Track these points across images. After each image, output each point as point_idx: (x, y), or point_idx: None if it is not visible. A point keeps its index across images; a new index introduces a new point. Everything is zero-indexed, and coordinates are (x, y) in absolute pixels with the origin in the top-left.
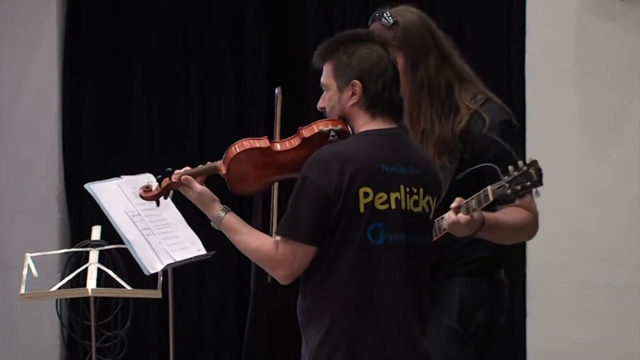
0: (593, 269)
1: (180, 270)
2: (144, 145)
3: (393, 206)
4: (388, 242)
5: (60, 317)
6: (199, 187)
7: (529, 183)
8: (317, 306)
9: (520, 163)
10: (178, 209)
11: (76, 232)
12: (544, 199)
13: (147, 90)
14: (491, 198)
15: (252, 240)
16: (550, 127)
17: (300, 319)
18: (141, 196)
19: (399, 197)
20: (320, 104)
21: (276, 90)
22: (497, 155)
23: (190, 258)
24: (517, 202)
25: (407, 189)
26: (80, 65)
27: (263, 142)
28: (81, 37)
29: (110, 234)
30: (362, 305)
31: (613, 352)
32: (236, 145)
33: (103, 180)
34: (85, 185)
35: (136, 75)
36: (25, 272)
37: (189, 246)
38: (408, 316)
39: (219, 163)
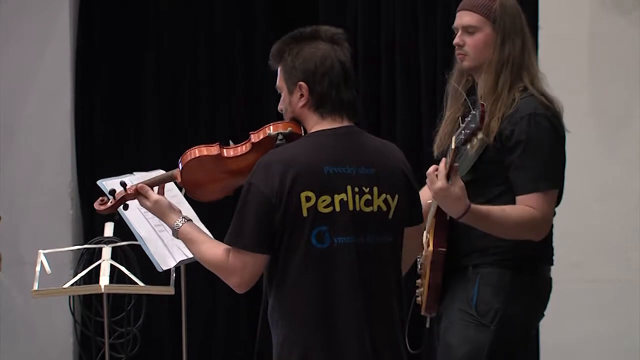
0: (604, 266)
1: (193, 267)
2: (156, 142)
3: (337, 208)
4: (334, 246)
5: (73, 313)
6: (155, 196)
7: (473, 125)
8: (276, 311)
9: (474, 111)
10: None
11: (89, 229)
12: None
13: (158, 86)
14: (453, 145)
15: (206, 250)
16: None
17: (269, 321)
18: (97, 209)
19: (345, 199)
20: (279, 106)
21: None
22: (515, 144)
23: None
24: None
25: (356, 189)
26: (92, 61)
27: (214, 149)
28: (93, 33)
29: (123, 230)
30: (312, 310)
31: (624, 347)
32: (188, 153)
33: (115, 177)
34: (98, 182)
35: (148, 71)
36: (38, 268)
37: None
38: (359, 321)
39: (175, 171)
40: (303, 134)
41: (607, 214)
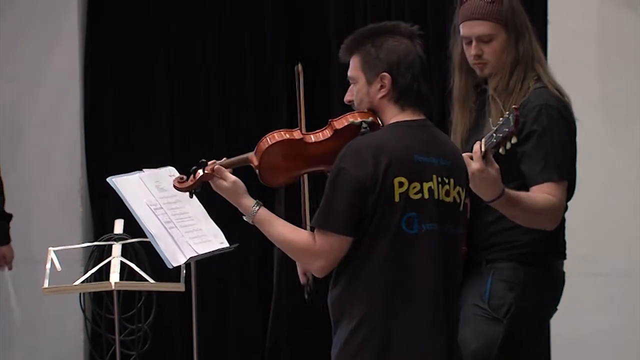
0: (614, 259)
1: (203, 264)
2: (166, 138)
3: (426, 196)
4: (421, 232)
5: (83, 310)
6: (232, 177)
7: (506, 129)
8: (350, 296)
9: (506, 113)
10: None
11: (99, 226)
12: None
13: (168, 82)
14: (483, 148)
15: (289, 233)
16: None
17: (332, 310)
18: (175, 187)
19: (432, 187)
20: (347, 97)
21: (296, 68)
22: (527, 135)
23: (213, 251)
24: (536, 188)
25: (439, 179)
26: (101, 58)
27: (296, 134)
28: (102, 29)
29: (133, 227)
30: (396, 294)
31: (636, 341)
32: (269, 137)
33: (125, 174)
34: (108, 179)
35: (157, 69)
36: (48, 266)
37: (211, 239)
38: (441, 305)
39: (251, 155)
40: (380, 125)
41: (617, 206)
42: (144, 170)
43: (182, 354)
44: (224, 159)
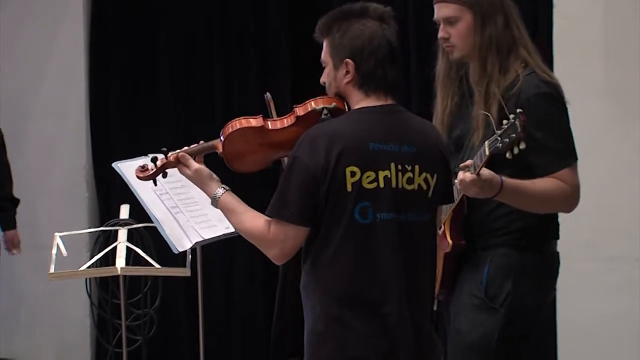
0: (619, 244)
1: (209, 249)
2: (171, 123)
3: (382, 185)
4: (376, 222)
5: (89, 296)
6: (195, 164)
7: (514, 135)
8: (312, 285)
9: (511, 116)
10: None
11: (105, 211)
12: None
13: (172, 67)
14: (487, 152)
15: (246, 221)
16: (577, 100)
17: (302, 295)
18: (137, 176)
19: (389, 176)
20: (322, 79)
21: (266, 96)
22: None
23: (219, 236)
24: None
25: (399, 167)
26: (106, 44)
27: (257, 121)
28: (107, 15)
29: (139, 212)
30: (351, 285)
31: (638, 326)
32: (231, 124)
33: (130, 159)
34: (113, 164)
35: (162, 53)
36: (54, 251)
37: (217, 224)
38: (400, 296)
39: (216, 141)
40: (346, 110)
41: (621, 192)
42: (148, 155)
43: (188, 338)
44: (193, 146)
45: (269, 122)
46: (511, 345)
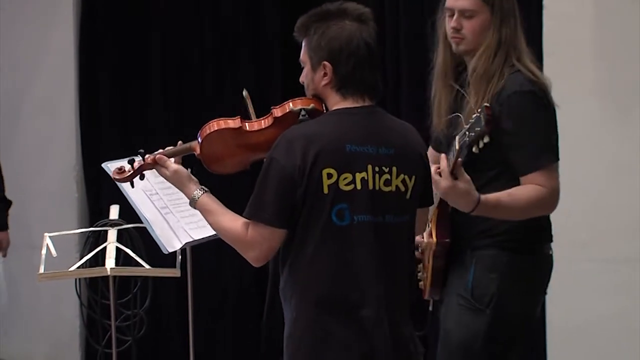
0: (612, 245)
1: (199, 249)
2: (161, 124)
3: (359, 187)
4: (353, 223)
5: (79, 296)
6: (174, 166)
7: (478, 129)
8: (289, 287)
9: (478, 110)
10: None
11: (94, 212)
12: (563, 173)
13: (163, 68)
14: (457, 146)
15: (224, 222)
16: (568, 101)
17: (280, 297)
18: (114, 178)
19: (366, 177)
20: (301, 79)
21: (244, 93)
22: (506, 125)
23: (209, 236)
24: (525, 179)
25: (376, 169)
26: (96, 44)
27: (234, 123)
28: (97, 15)
29: (129, 213)
30: (328, 287)
31: (633, 328)
32: (208, 126)
33: (120, 159)
34: (103, 165)
35: (153, 53)
36: (44, 252)
37: (207, 224)
38: (378, 298)
39: (194, 143)
40: (324, 111)
41: (614, 192)
42: (139, 155)
43: (178, 339)
44: (169, 147)
45: (247, 124)
46: (498, 347)
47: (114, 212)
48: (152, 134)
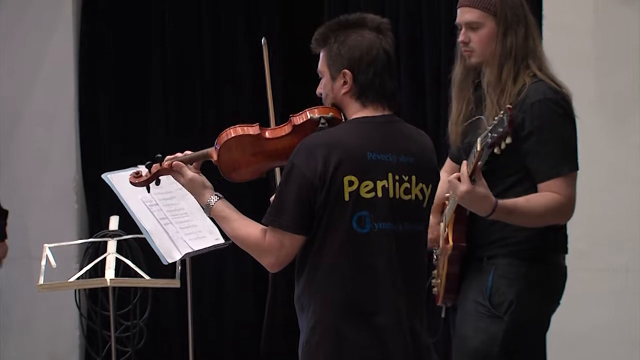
0: (611, 254)
1: (199, 260)
2: (161, 134)
3: (380, 194)
4: (374, 231)
5: (79, 307)
6: (190, 173)
7: (501, 129)
8: (307, 295)
9: (501, 112)
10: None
11: (94, 223)
12: None
13: (163, 78)
14: (479, 147)
15: (240, 228)
16: None
17: (296, 307)
18: (131, 182)
19: (386, 185)
20: (318, 90)
21: (262, 41)
22: (529, 132)
23: (209, 247)
24: (543, 185)
25: (397, 177)
26: (96, 54)
27: (254, 130)
28: (97, 24)
29: (128, 223)
30: (348, 294)
31: (632, 337)
32: (227, 132)
33: (120, 170)
34: (103, 175)
35: (153, 64)
36: (43, 262)
37: (206, 235)
38: (397, 306)
39: (211, 150)
40: (343, 120)
41: (614, 202)
42: (138, 166)
43: (178, 350)
44: (178, 154)
45: (267, 131)
46: (514, 355)
47: (114, 223)
48: (151, 144)
